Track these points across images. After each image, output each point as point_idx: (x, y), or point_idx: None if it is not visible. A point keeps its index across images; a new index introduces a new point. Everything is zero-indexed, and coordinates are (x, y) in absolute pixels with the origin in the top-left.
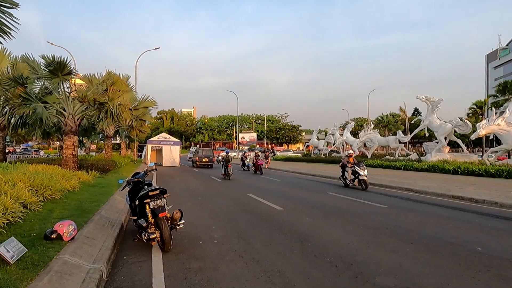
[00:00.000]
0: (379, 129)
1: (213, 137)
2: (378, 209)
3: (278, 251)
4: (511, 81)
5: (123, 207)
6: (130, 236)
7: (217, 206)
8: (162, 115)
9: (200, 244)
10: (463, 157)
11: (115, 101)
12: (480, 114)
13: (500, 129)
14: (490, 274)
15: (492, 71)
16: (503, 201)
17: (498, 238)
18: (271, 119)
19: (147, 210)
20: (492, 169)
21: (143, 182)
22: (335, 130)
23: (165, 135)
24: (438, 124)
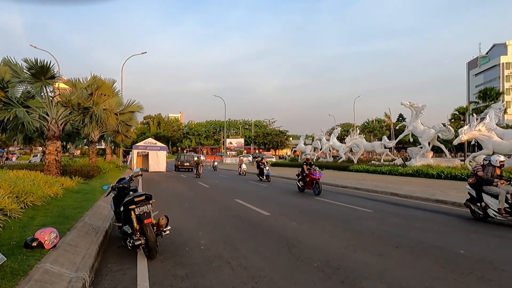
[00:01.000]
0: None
1: (200, 143)
2: (365, 214)
3: (266, 257)
4: (491, 88)
5: (108, 214)
6: (115, 243)
7: (204, 212)
8: (148, 120)
9: (186, 250)
10: (446, 162)
11: (100, 105)
12: (462, 120)
13: (481, 134)
14: (473, 276)
15: (473, 78)
16: None
17: (480, 241)
18: (259, 125)
19: (132, 217)
20: None
21: (128, 188)
22: (322, 135)
23: (152, 140)
24: (422, 130)
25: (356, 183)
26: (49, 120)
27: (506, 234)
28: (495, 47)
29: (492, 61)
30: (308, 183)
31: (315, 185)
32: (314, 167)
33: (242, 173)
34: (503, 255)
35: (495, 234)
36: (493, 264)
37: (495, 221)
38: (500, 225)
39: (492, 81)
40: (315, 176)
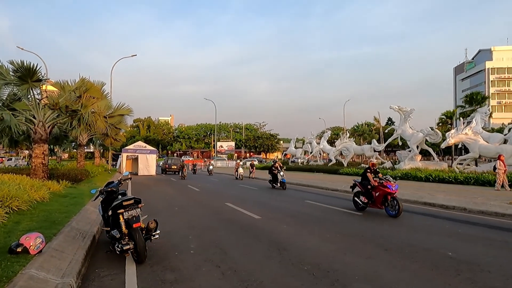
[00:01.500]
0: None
1: (191, 146)
2: (355, 217)
3: (256, 260)
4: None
5: (96, 218)
6: (103, 248)
7: (194, 216)
8: (138, 123)
9: (176, 254)
10: (434, 165)
11: (89, 108)
12: (450, 124)
13: (467, 138)
14: (461, 278)
15: (460, 83)
16: (471, 207)
17: (467, 243)
18: (249, 128)
19: (121, 221)
20: (461, 176)
21: (117, 192)
22: (312, 139)
23: (141, 143)
24: (411, 133)
25: (346, 186)
26: (36, 123)
27: (493, 236)
28: (480, 53)
29: (478, 66)
30: (377, 199)
31: (391, 202)
32: (387, 176)
33: (239, 177)
34: (489, 258)
35: (481, 237)
36: (480, 266)
37: (481, 223)
38: (486, 227)
39: (478, 86)
40: (390, 190)
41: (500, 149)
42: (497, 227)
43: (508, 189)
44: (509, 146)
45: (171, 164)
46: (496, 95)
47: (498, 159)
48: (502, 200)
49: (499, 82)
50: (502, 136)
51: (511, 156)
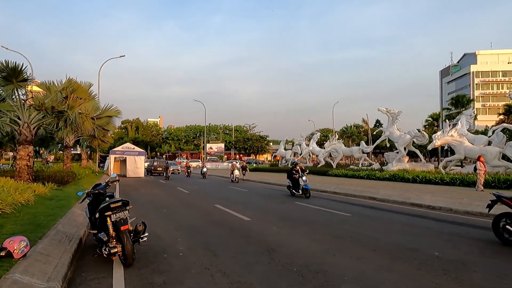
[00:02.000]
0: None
1: (180, 147)
2: (343, 218)
3: (245, 262)
4: (463, 96)
5: (83, 221)
6: (90, 251)
7: (183, 218)
8: (126, 124)
9: (164, 257)
10: (421, 167)
11: (76, 109)
12: (436, 126)
13: (453, 140)
14: (447, 278)
15: (446, 85)
16: (457, 207)
17: (453, 243)
18: (239, 130)
19: (108, 223)
20: (447, 177)
21: (104, 194)
22: (301, 140)
23: (130, 145)
24: (398, 135)
25: (335, 187)
26: (21, 124)
27: (477, 236)
28: (466, 56)
29: (463, 70)
30: None
31: None
32: None
33: (235, 179)
34: (475, 257)
35: (467, 237)
36: (466, 265)
37: (466, 223)
38: (471, 227)
39: (463, 89)
40: None
41: (485, 150)
42: (482, 227)
43: (481, 189)
44: (493, 148)
45: (156, 166)
46: (480, 98)
47: (477, 160)
48: (486, 200)
49: (483, 85)
50: (486, 138)
51: (495, 157)
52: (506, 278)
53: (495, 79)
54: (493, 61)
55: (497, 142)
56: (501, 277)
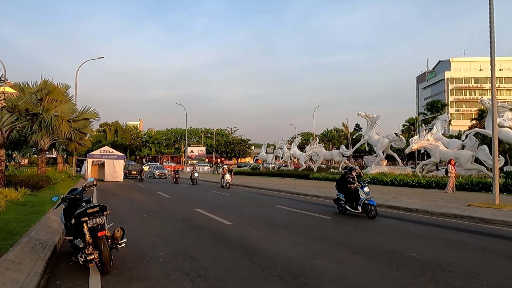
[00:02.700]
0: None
1: (160, 151)
2: (324, 221)
3: (226, 267)
4: (438, 101)
5: (58, 227)
6: (65, 259)
7: (163, 223)
8: (105, 127)
9: (143, 263)
10: (399, 170)
11: (51, 111)
12: (413, 130)
13: (429, 144)
14: (424, 278)
15: (422, 91)
16: (433, 209)
17: (429, 244)
18: (221, 133)
19: (85, 229)
20: (423, 180)
21: (81, 199)
22: (283, 144)
23: (108, 148)
24: (377, 139)
25: (316, 191)
26: None
27: (452, 237)
28: (440, 63)
29: (438, 76)
30: None
31: None
32: None
33: (225, 185)
34: (450, 258)
35: (442, 238)
36: (441, 266)
37: (442, 225)
38: (446, 228)
39: (438, 94)
40: None
41: (459, 154)
42: (456, 228)
43: (450, 191)
44: (467, 151)
45: (131, 170)
46: (454, 103)
47: (449, 163)
48: (460, 202)
49: (457, 91)
50: (460, 142)
51: (468, 161)
52: (478, 277)
53: (468, 86)
54: (466, 68)
55: (470, 146)
56: (474, 276)
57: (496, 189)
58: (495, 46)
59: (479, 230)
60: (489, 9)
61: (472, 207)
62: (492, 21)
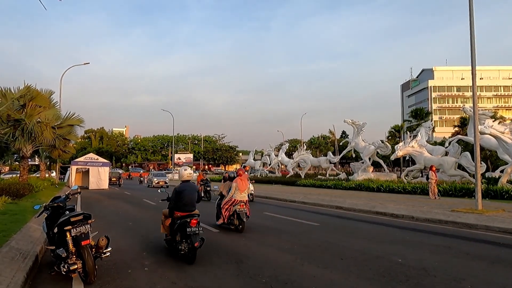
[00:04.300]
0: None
1: (147, 158)
2: (311, 227)
3: (214, 275)
4: (422, 109)
5: (39, 236)
6: (47, 269)
7: (150, 231)
8: (90, 134)
9: (129, 272)
10: (385, 176)
11: (34, 118)
12: (398, 137)
13: (414, 150)
14: (410, 283)
15: (406, 99)
16: (418, 215)
17: (415, 249)
18: (208, 140)
19: (68, 238)
20: (409, 186)
21: (64, 207)
22: (270, 151)
23: (93, 155)
24: (363, 146)
25: (303, 197)
26: None
27: (437, 242)
28: (424, 72)
29: (421, 84)
30: None
31: None
32: None
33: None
34: (435, 263)
35: (427, 243)
36: (426, 271)
37: (427, 230)
38: (431, 234)
39: (422, 102)
40: None
41: (442, 160)
42: (441, 234)
43: (433, 197)
44: (450, 158)
45: (111, 177)
46: (438, 111)
47: (430, 169)
48: (444, 208)
49: (440, 99)
50: (443, 149)
51: (451, 167)
52: (463, 282)
53: (451, 94)
54: (449, 77)
55: (453, 152)
56: (458, 281)
57: (479, 195)
58: (476, 56)
59: (463, 235)
60: (469, 20)
61: (456, 213)
62: (473, 32)
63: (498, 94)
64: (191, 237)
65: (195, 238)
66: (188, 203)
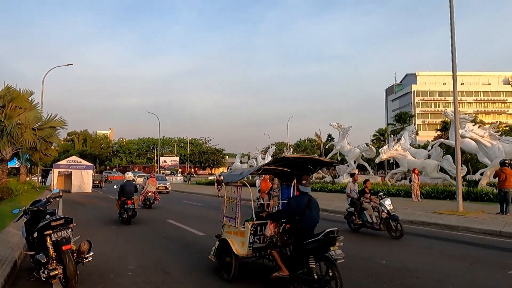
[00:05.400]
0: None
1: (132, 161)
2: None
3: (199, 278)
4: (405, 113)
5: (18, 241)
6: (26, 275)
7: (134, 235)
8: (73, 136)
9: (112, 277)
10: (370, 179)
11: (14, 119)
12: (382, 140)
13: (397, 153)
14: (394, 284)
15: (390, 103)
16: (402, 217)
17: (398, 251)
18: (195, 143)
19: (48, 243)
20: (393, 189)
21: (44, 211)
22: (257, 154)
23: (76, 158)
24: (348, 149)
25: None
26: None
27: (420, 243)
28: (407, 77)
29: (405, 89)
30: None
31: None
32: None
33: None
34: (418, 264)
35: (410, 244)
36: (410, 272)
37: (410, 232)
38: (414, 235)
39: (406, 106)
40: None
41: (425, 163)
42: (424, 235)
43: (415, 200)
44: (433, 161)
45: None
46: (420, 115)
47: (412, 172)
48: (427, 210)
49: (423, 104)
50: (426, 152)
51: (434, 170)
52: (445, 282)
53: (433, 98)
54: (431, 82)
55: (435, 155)
56: (440, 281)
57: (460, 197)
58: (457, 62)
59: (445, 236)
60: (450, 28)
61: (438, 215)
62: (454, 40)
63: (478, 99)
64: (127, 210)
65: (129, 211)
66: (127, 192)
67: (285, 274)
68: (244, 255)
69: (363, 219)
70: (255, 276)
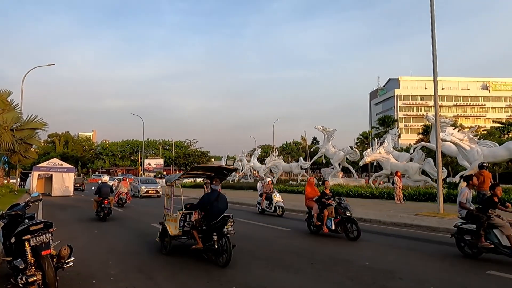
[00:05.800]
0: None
1: (115, 164)
2: (283, 233)
3: (182, 283)
4: (389, 116)
5: None
6: (3, 282)
7: (116, 239)
8: (54, 138)
9: (93, 283)
10: (354, 181)
11: None
12: (366, 143)
13: (381, 156)
14: (376, 286)
15: (374, 107)
16: (385, 219)
17: (382, 253)
18: (180, 145)
19: (27, 248)
20: (376, 191)
21: (23, 216)
22: (243, 156)
23: (57, 160)
24: (333, 152)
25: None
26: None
27: (402, 245)
28: (390, 81)
29: (388, 93)
30: None
31: None
32: None
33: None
34: (400, 265)
35: (393, 246)
36: (392, 274)
37: (393, 234)
38: (397, 237)
39: (389, 110)
40: None
41: (407, 166)
42: (407, 237)
43: (398, 202)
44: (415, 164)
45: (76, 183)
46: (403, 119)
47: (395, 175)
48: (409, 212)
49: (405, 108)
50: (409, 155)
51: (416, 172)
52: (426, 283)
53: (415, 103)
54: (413, 86)
55: (417, 158)
56: (422, 282)
57: (440, 199)
58: (438, 68)
59: (426, 238)
60: (431, 35)
61: (420, 217)
62: (435, 46)
63: (457, 104)
64: (103, 208)
65: (105, 209)
66: (104, 193)
67: (200, 246)
68: (176, 235)
69: (493, 241)
70: (184, 252)
